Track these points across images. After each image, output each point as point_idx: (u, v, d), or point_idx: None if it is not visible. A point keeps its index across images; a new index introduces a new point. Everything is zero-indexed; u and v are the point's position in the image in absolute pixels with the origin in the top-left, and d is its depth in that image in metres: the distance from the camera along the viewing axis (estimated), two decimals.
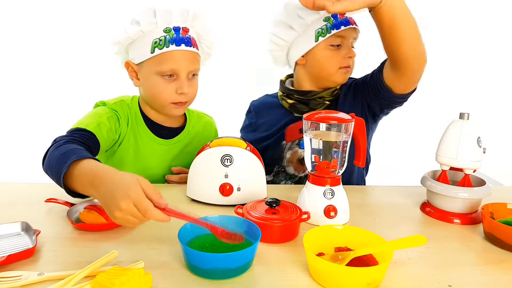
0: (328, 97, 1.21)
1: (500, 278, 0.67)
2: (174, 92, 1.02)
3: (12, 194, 0.99)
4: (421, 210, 0.96)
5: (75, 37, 2.12)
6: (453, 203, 0.90)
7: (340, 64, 1.17)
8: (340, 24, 1.14)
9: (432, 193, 0.93)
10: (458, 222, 0.89)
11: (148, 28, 0.99)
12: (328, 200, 0.84)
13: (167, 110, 1.06)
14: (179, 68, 1.00)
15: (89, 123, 0.98)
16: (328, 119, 0.84)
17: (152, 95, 1.05)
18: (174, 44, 0.98)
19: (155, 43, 0.98)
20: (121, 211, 0.63)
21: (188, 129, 1.18)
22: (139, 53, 1.01)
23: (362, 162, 0.92)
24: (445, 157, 0.92)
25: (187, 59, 1.01)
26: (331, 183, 0.85)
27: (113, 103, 1.09)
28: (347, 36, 1.16)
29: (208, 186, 0.92)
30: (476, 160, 0.89)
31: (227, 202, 0.92)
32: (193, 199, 0.95)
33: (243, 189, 0.92)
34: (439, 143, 0.94)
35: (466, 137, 0.89)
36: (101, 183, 0.67)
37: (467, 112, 0.91)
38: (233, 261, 0.63)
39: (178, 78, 1.02)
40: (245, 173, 0.92)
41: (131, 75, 1.07)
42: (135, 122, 1.11)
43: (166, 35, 0.98)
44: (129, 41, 1.02)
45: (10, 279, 0.61)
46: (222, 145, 0.92)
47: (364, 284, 0.60)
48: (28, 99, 2.23)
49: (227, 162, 0.91)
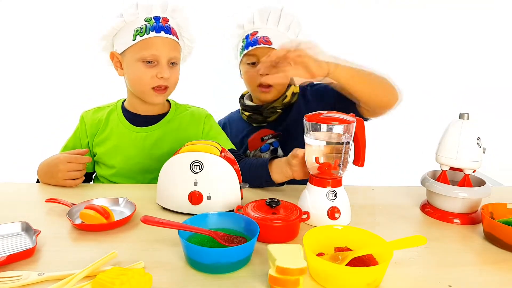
0: (279, 106, 1.27)
1: (500, 278, 0.67)
2: (155, 77, 1.08)
3: (12, 194, 0.99)
4: (421, 210, 0.96)
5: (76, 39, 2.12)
6: (453, 203, 0.89)
7: (257, 82, 1.23)
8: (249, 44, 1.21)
9: (432, 193, 0.93)
10: (458, 222, 0.89)
11: (130, 19, 1.06)
12: (331, 202, 0.84)
13: (148, 96, 1.12)
14: (159, 54, 1.07)
15: (67, 145, 1.22)
16: (330, 119, 0.83)
17: (133, 81, 1.11)
18: (154, 31, 1.06)
19: (137, 31, 1.05)
20: (62, 171, 1.01)
21: (170, 117, 1.21)
22: (122, 42, 1.08)
23: (362, 163, 0.92)
24: (445, 157, 0.92)
25: (167, 46, 1.08)
26: (332, 184, 0.85)
27: (84, 112, 1.23)
28: (259, 54, 1.20)
29: (177, 194, 0.87)
30: (476, 160, 0.89)
31: (196, 211, 0.85)
32: (164, 207, 0.91)
33: (214, 198, 0.87)
34: (439, 143, 0.94)
35: (466, 137, 0.89)
36: (43, 168, 1.06)
37: (466, 112, 0.91)
38: (232, 255, 0.64)
39: (159, 64, 1.08)
40: (216, 181, 0.87)
41: (116, 65, 1.13)
42: (116, 117, 1.19)
43: (147, 24, 1.06)
44: (114, 32, 1.09)
45: (10, 279, 0.61)
46: (192, 151, 0.87)
47: (364, 284, 0.60)
48: (28, 99, 2.23)
49: (196, 169, 0.86)
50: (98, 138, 1.19)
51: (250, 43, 1.21)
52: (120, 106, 1.22)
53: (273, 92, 1.25)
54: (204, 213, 0.76)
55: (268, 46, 1.19)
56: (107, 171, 1.18)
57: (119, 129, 1.18)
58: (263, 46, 1.19)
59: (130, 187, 1.10)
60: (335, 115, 0.85)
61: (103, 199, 0.90)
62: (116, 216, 0.83)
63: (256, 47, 1.20)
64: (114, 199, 0.91)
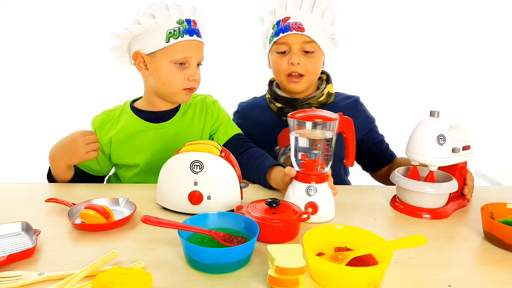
0: (315, 104, 1.23)
1: (500, 278, 0.67)
2: (186, 79, 1.10)
3: (12, 194, 0.99)
4: (391, 205, 0.97)
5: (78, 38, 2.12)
6: (421, 198, 0.92)
7: (287, 71, 1.18)
8: (280, 31, 1.16)
9: (400, 188, 0.95)
10: (428, 217, 0.91)
11: (163, 20, 1.05)
12: (309, 197, 0.86)
13: (178, 96, 1.13)
14: (191, 57, 1.09)
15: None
16: (313, 117, 0.85)
17: (163, 83, 1.11)
18: (188, 34, 1.07)
19: (170, 33, 1.05)
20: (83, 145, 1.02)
21: (184, 109, 1.21)
22: (151, 43, 1.07)
23: (351, 162, 0.93)
24: (411, 152, 0.94)
25: (197, 49, 1.11)
26: (316, 180, 0.86)
27: (93, 119, 1.21)
28: (290, 42, 1.15)
29: (177, 194, 0.87)
30: (437, 157, 0.90)
31: (196, 211, 0.85)
32: (164, 207, 0.90)
33: (214, 198, 0.87)
34: (408, 139, 0.96)
35: (428, 134, 0.91)
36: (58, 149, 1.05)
37: (437, 110, 0.92)
38: (232, 255, 0.64)
39: (189, 66, 1.10)
40: (216, 181, 0.87)
41: (139, 65, 1.12)
42: (128, 118, 1.18)
43: (179, 26, 1.06)
44: (142, 32, 1.07)
45: (10, 279, 0.61)
46: (192, 151, 0.87)
47: (364, 284, 0.60)
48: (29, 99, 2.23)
49: (196, 169, 0.86)
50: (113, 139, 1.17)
51: (281, 29, 1.15)
52: (129, 106, 1.20)
53: (304, 82, 1.19)
54: (204, 213, 0.77)
55: (301, 32, 1.13)
56: (129, 172, 1.17)
57: (135, 128, 1.16)
58: (295, 32, 1.13)
59: (130, 187, 1.10)
60: (319, 113, 0.87)
61: (103, 199, 0.90)
62: (116, 216, 0.83)
63: (287, 34, 1.14)
64: (114, 199, 0.91)
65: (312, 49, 1.16)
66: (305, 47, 1.15)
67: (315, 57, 1.17)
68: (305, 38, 1.14)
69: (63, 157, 1.05)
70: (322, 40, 1.16)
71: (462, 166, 0.97)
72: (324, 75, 1.29)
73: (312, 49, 1.16)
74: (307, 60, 1.16)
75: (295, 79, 1.18)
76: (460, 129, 0.92)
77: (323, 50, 1.18)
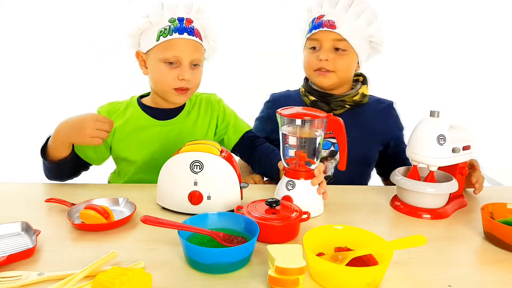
0: (349, 101, 1.22)
1: (500, 278, 0.67)
2: (176, 78, 1.08)
3: (12, 194, 0.99)
4: (390, 205, 0.97)
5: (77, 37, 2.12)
6: (421, 198, 0.92)
7: (315, 67, 1.19)
8: (313, 28, 1.18)
9: (401, 188, 0.95)
10: (428, 217, 0.91)
11: (155, 19, 1.07)
12: (287, 191, 0.89)
13: (169, 96, 1.12)
14: (182, 56, 1.07)
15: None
16: (302, 115, 0.87)
17: (155, 81, 1.12)
18: (177, 32, 1.06)
19: (160, 32, 1.06)
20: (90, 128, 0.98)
21: (188, 108, 1.21)
22: (147, 42, 1.09)
23: (342, 165, 0.93)
24: (411, 152, 0.94)
25: (189, 48, 1.08)
26: (305, 176, 0.88)
27: (100, 108, 1.19)
28: (321, 38, 1.17)
29: (177, 194, 0.87)
30: (436, 157, 0.90)
31: (196, 211, 0.85)
32: (164, 207, 0.90)
33: (214, 198, 0.87)
34: (409, 139, 0.95)
35: (428, 134, 0.91)
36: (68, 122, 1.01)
37: (437, 110, 0.92)
38: (232, 255, 0.65)
39: (181, 65, 1.08)
40: (216, 181, 0.87)
41: (141, 64, 1.15)
42: (134, 112, 1.17)
43: (170, 25, 1.06)
44: (139, 32, 1.10)
45: (10, 279, 0.61)
46: (192, 151, 0.87)
47: (364, 284, 0.60)
48: (29, 99, 2.23)
49: (196, 169, 0.86)
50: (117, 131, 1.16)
51: (315, 26, 1.17)
52: (136, 101, 1.20)
53: (332, 78, 1.19)
54: (204, 213, 0.77)
55: (332, 30, 1.14)
56: (129, 167, 1.17)
57: (140, 123, 1.16)
58: (326, 29, 1.14)
59: (130, 187, 1.10)
60: (308, 111, 0.88)
61: (103, 199, 0.90)
62: (116, 216, 0.83)
63: (318, 30, 1.15)
64: (114, 199, 0.91)
65: (343, 47, 1.16)
66: (336, 44, 1.16)
67: (346, 55, 1.18)
68: (336, 35, 1.15)
69: (68, 132, 1.01)
70: (355, 40, 1.16)
71: (462, 166, 0.97)
72: (361, 77, 1.30)
73: (343, 47, 1.16)
74: (336, 57, 1.17)
75: (322, 73, 1.19)
76: (460, 129, 0.92)
77: (356, 50, 1.17)
